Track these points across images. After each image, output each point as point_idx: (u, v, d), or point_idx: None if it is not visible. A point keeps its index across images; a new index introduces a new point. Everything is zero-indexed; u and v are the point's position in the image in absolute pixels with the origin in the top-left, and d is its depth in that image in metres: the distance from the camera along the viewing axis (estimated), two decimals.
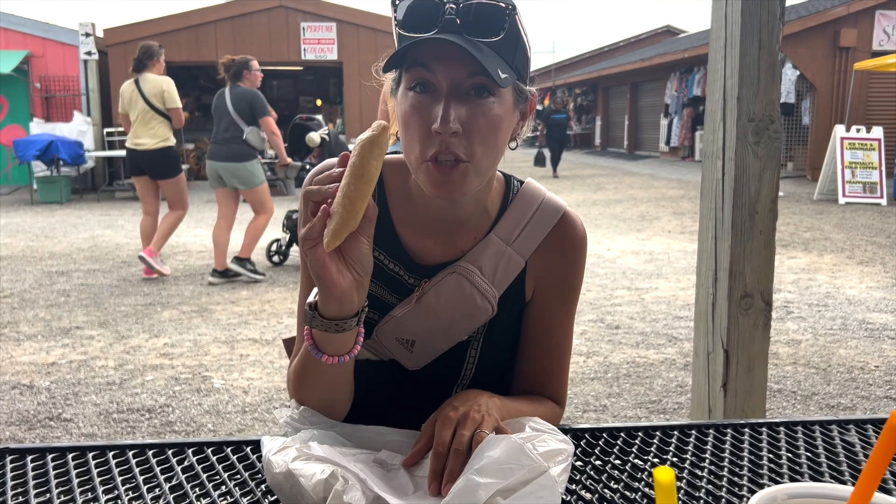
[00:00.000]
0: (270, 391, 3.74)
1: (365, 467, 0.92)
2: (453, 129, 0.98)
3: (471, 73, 0.99)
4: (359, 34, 14.77)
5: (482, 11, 0.99)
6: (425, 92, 1.01)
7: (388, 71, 1.06)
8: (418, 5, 1.00)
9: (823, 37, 14.38)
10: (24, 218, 10.22)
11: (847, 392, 3.74)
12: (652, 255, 7.31)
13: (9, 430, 3.29)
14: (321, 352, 0.99)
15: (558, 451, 0.95)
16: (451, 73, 0.99)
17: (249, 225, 6.40)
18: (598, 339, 4.59)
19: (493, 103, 1.01)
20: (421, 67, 1.00)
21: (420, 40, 0.97)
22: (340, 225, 0.91)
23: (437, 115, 0.98)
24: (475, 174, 1.03)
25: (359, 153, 0.92)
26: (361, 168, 0.91)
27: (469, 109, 1.00)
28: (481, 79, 0.99)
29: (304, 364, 1.05)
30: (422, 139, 1.01)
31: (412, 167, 1.05)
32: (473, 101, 1.00)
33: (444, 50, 0.98)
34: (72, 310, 5.29)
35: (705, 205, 2.28)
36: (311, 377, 1.05)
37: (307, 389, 1.06)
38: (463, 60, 0.98)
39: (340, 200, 0.91)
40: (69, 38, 14.17)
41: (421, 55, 1.00)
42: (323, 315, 0.97)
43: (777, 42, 2.11)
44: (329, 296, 0.95)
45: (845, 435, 1.15)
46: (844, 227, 8.86)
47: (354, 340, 1.00)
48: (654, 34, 32.27)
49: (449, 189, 1.02)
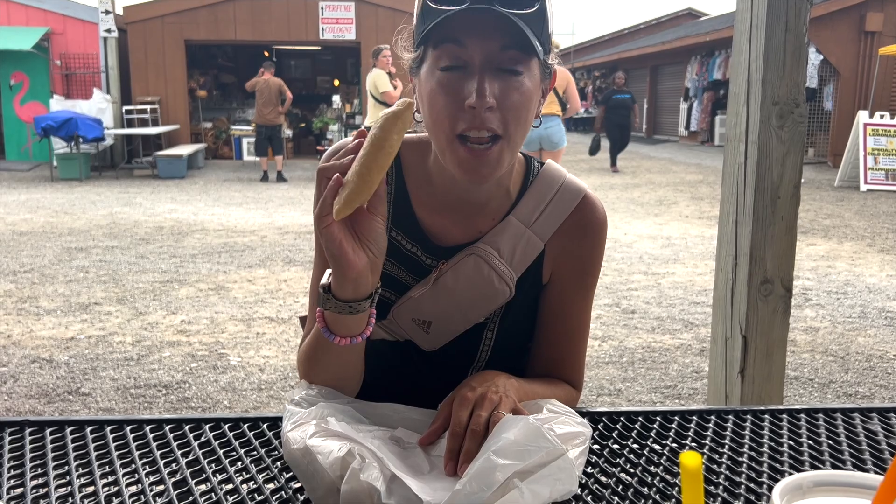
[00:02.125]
0: (286, 369, 3.76)
1: (382, 444, 0.92)
2: (489, 104, 0.96)
3: (504, 45, 0.97)
4: (377, 14, 14.69)
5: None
6: (454, 68, 0.99)
7: (419, 47, 1.03)
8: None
9: (848, 20, 14.12)
10: (44, 194, 10.30)
11: (865, 380, 3.70)
12: (669, 239, 7.25)
13: (28, 402, 3.33)
14: (333, 333, 0.98)
15: (576, 433, 0.94)
16: (484, 46, 0.97)
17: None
18: (614, 323, 4.57)
19: (524, 78, 1.00)
20: (451, 43, 0.98)
21: (455, 13, 0.95)
22: (354, 193, 0.89)
23: (472, 89, 0.96)
24: (508, 151, 1.01)
25: (382, 125, 0.90)
26: (383, 140, 0.89)
27: (502, 84, 0.98)
28: (514, 52, 0.97)
29: (315, 345, 1.04)
30: (451, 115, 0.99)
31: (440, 147, 1.03)
32: (505, 76, 0.98)
33: (477, 22, 0.96)
34: (90, 286, 5.34)
35: (727, 189, 2.25)
36: (322, 358, 1.04)
37: (318, 370, 1.05)
38: (496, 33, 0.96)
39: (357, 169, 0.89)
40: (89, 15, 14.19)
41: (452, 30, 0.97)
42: (337, 297, 0.96)
43: (804, 24, 2.07)
44: (344, 277, 0.94)
45: (868, 423, 1.14)
46: (865, 215, 8.75)
47: (367, 322, 0.99)
48: (675, 17, 31.85)
49: (483, 174, 1.01)
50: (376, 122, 0.91)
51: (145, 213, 8.74)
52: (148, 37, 14.58)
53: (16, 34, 13.53)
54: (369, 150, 0.89)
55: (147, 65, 14.66)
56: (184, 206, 9.32)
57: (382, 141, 0.89)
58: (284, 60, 17.90)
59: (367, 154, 0.89)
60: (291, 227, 7.78)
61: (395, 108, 0.91)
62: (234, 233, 7.44)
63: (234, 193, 10.55)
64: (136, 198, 10.06)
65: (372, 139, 0.90)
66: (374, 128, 0.91)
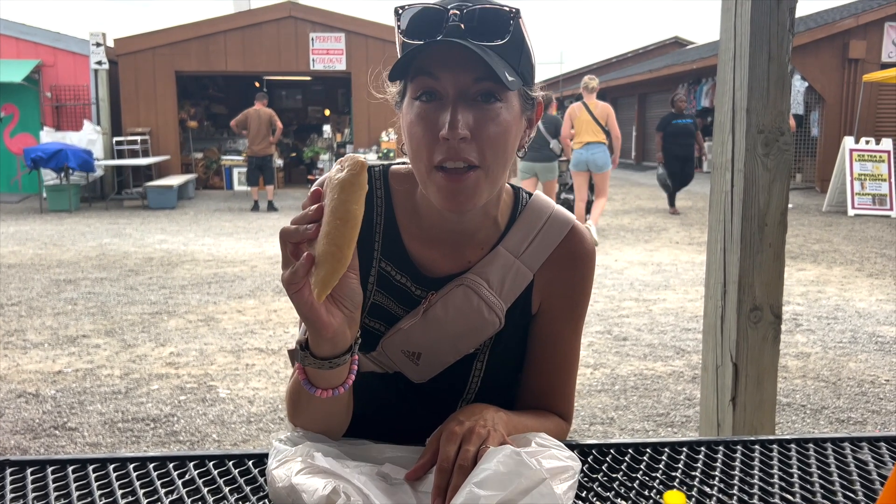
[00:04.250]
0: (276, 401, 3.72)
1: (368, 481, 0.91)
2: (462, 135, 0.96)
3: (478, 77, 0.97)
4: (367, 45, 14.83)
5: (486, 16, 0.98)
6: (431, 101, 0.99)
7: (394, 80, 1.04)
8: (422, 13, 0.99)
9: (832, 48, 14.34)
10: (33, 226, 10.26)
11: (857, 406, 3.70)
12: (660, 266, 7.27)
13: (14, 438, 3.28)
14: (315, 386, 0.96)
15: (565, 467, 0.93)
16: (457, 79, 0.98)
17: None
18: (606, 350, 4.56)
19: (501, 108, 1.00)
20: (426, 76, 0.99)
21: (425, 46, 0.96)
22: (330, 273, 0.85)
23: (445, 121, 0.97)
24: (486, 181, 1.01)
25: (340, 196, 0.86)
26: (346, 212, 0.86)
27: (477, 115, 0.98)
28: (488, 84, 0.98)
29: (298, 394, 1.02)
30: (429, 146, 0.99)
31: (421, 178, 1.03)
32: (481, 106, 0.99)
33: (449, 56, 0.97)
34: (79, 318, 5.30)
35: (714, 217, 2.27)
36: (307, 407, 1.03)
37: (303, 418, 1.04)
38: (469, 66, 0.97)
39: (326, 247, 0.85)
40: (80, 47, 14.26)
41: (426, 63, 0.98)
42: (315, 355, 0.94)
43: (787, 54, 2.10)
44: (321, 337, 0.92)
45: (858, 453, 1.13)
46: (854, 240, 8.81)
47: (348, 371, 0.98)
48: (662, 45, 32.26)
49: (459, 201, 1.00)
50: (332, 188, 0.87)
51: (135, 244, 8.71)
52: (139, 68, 14.65)
53: (7, 66, 13.57)
54: (335, 223, 0.86)
55: (138, 96, 14.71)
56: (174, 236, 9.29)
57: (346, 214, 0.86)
58: (275, 91, 17.99)
59: (334, 229, 0.86)
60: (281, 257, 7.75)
61: (348, 174, 0.87)
62: (224, 263, 7.42)
63: (225, 223, 10.54)
64: (125, 229, 10.03)
65: (333, 211, 0.86)
66: (333, 196, 0.87)
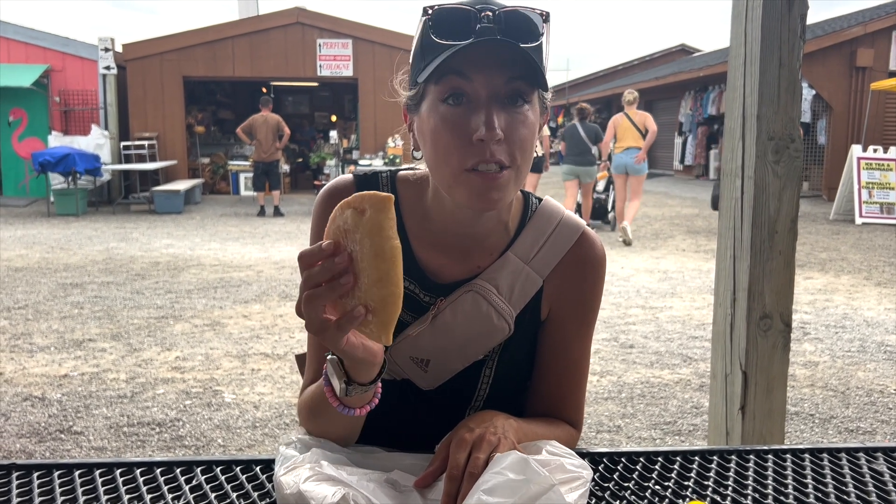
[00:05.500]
0: (281, 406, 3.71)
1: (377, 488, 0.90)
2: (498, 136, 0.95)
3: (510, 78, 0.97)
4: (374, 51, 14.85)
5: (519, 18, 0.97)
6: (459, 103, 0.98)
7: (426, 81, 1.00)
8: (453, 13, 0.97)
9: (840, 56, 14.32)
10: (41, 230, 10.29)
11: (866, 416, 3.67)
12: (666, 273, 7.25)
13: (19, 442, 3.28)
14: (350, 408, 0.95)
15: (576, 476, 0.92)
16: (490, 79, 0.96)
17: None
18: (612, 358, 4.54)
19: (528, 111, 0.99)
20: (456, 76, 0.97)
21: (464, 46, 0.94)
22: (393, 314, 0.82)
23: (479, 122, 0.95)
24: (515, 182, 1.01)
25: (376, 239, 0.81)
26: (391, 249, 0.81)
27: (508, 116, 0.98)
28: (519, 84, 0.97)
29: (320, 409, 1.02)
30: (460, 149, 0.97)
31: (446, 181, 1.01)
32: (511, 108, 0.98)
33: (482, 57, 0.96)
34: (85, 322, 5.30)
35: (724, 224, 2.25)
36: (329, 421, 1.02)
37: (323, 428, 1.04)
38: (503, 66, 0.96)
39: (383, 291, 0.81)
40: (88, 52, 14.33)
41: (457, 63, 0.97)
42: (361, 383, 0.93)
43: (797, 60, 2.08)
44: (373, 364, 0.92)
45: (873, 463, 1.11)
46: (861, 248, 8.77)
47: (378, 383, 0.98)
48: (668, 52, 32.25)
49: (492, 198, 0.98)
50: (359, 228, 0.81)
51: (142, 248, 8.73)
52: (147, 73, 14.70)
53: (15, 71, 13.64)
54: (383, 267, 0.81)
55: (145, 101, 14.76)
56: (180, 241, 9.31)
57: (392, 251, 0.81)
58: (282, 96, 18.04)
59: (385, 274, 0.81)
60: (288, 261, 7.76)
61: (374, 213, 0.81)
62: (231, 268, 7.43)
63: (231, 228, 10.55)
64: (132, 233, 10.05)
65: (378, 254, 0.81)
66: (364, 238, 0.81)
